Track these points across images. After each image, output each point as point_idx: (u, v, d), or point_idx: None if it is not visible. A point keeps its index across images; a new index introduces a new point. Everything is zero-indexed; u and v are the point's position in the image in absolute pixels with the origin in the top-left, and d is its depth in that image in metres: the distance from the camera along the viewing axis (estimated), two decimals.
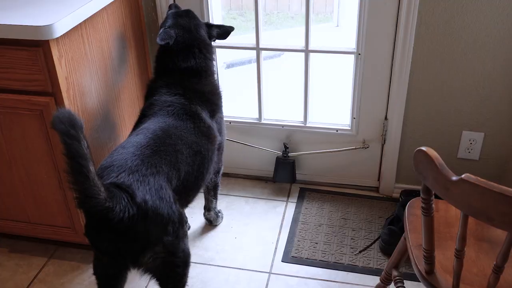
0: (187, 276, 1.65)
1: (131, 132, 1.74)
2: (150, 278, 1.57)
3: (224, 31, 1.98)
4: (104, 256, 1.54)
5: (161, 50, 1.88)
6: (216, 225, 2.25)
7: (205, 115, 1.81)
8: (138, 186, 1.41)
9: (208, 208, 2.21)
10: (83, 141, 1.23)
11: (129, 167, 1.45)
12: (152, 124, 1.67)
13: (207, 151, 1.75)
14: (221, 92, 1.98)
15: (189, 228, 2.24)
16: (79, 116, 1.27)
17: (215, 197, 2.18)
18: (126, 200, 1.36)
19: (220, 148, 1.95)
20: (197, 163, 1.69)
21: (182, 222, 1.56)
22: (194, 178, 1.69)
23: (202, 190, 2.07)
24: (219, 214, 2.26)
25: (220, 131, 1.92)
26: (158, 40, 1.81)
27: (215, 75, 1.99)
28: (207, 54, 1.90)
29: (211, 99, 1.88)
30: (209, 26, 1.96)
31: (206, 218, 2.24)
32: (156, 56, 1.91)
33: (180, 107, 1.75)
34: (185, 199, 1.71)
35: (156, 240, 1.46)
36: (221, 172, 2.12)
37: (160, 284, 1.60)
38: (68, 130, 1.20)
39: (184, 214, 1.65)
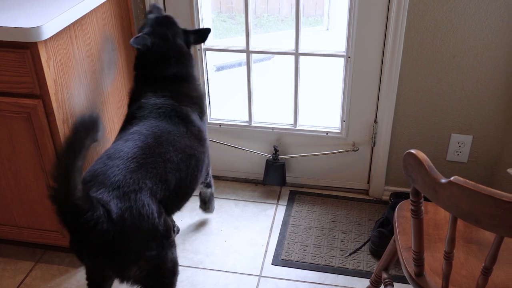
0: (176, 285, 1.63)
1: (119, 134, 1.72)
2: None
3: (201, 35, 1.95)
4: (90, 268, 1.53)
5: (140, 59, 1.86)
6: (210, 212, 2.28)
7: (195, 118, 1.80)
8: (117, 203, 1.37)
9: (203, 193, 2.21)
10: (85, 148, 1.23)
11: (110, 183, 1.41)
12: (145, 129, 1.64)
13: (200, 153, 1.74)
14: (204, 96, 1.97)
15: (178, 232, 2.23)
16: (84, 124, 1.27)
17: (209, 186, 2.19)
18: (102, 213, 1.32)
19: (208, 150, 1.93)
20: (191, 166, 1.67)
21: (168, 234, 1.52)
22: (188, 183, 1.67)
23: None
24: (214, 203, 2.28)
25: (206, 132, 1.92)
26: (132, 42, 1.77)
27: (197, 80, 1.97)
28: (185, 62, 1.88)
29: (198, 102, 1.88)
30: (186, 32, 1.92)
31: (203, 197, 2.24)
32: (135, 64, 1.89)
33: (171, 109, 1.74)
34: (176, 204, 1.69)
35: (138, 256, 1.44)
36: (209, 173, 2.14)
37: None
38: (84, 130, 1.22)
39: (170, 221, 1.61)
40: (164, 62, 1.83)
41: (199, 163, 1.73)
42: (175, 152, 1.61)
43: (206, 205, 2.25)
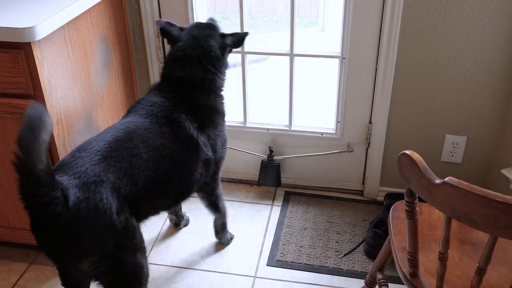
0: None
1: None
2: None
3: (238, 39, 1.87)
4: (49, 257, 1.51)
5: (168, 56, 1.82)
6: (223, 243, 2.16)
7: (188, 125, 1.71)
8: (75, 192, 1.37)
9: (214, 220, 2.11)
10: (46, 122, 1.26)
11: (73, 172, 1.41)
12: (120, 124, 1.63)
13: (182, 158, 1.67)
14: (223, 109, 1.90)
15: (187, 224, 2.24)
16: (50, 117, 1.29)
17: (217, 212, 2.07)
18: (59, 195, 1.31)
19: (209, 164, 1.81)
20: (164, 167, 1.61)
21: (128, 234, 1.49)
22: (161, 183, 1.61)
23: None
24: (228, 235, 2.16)
25: (214, 147, 1.83)
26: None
27: (217, 90, 1.86)
28: (208, 66, 1.78)
29: (204, 112, 1.79)
30: (223, 36, 1.82)
31: (214, 225, 2.16)
32: (164, 61, 1.86)
33: (161, 109, 1.69)
34: (150, 205, 1.65)
35: (89, 250, 1.42)
36: (216, 193, 2.01)
37: None
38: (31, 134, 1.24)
39: (136, 225, 1.55)
40: (183, 61, 1.76)
41: (178, 167, 1.67)
42: (145, 149, 1.57)
43: (217, 234, 2.15)
